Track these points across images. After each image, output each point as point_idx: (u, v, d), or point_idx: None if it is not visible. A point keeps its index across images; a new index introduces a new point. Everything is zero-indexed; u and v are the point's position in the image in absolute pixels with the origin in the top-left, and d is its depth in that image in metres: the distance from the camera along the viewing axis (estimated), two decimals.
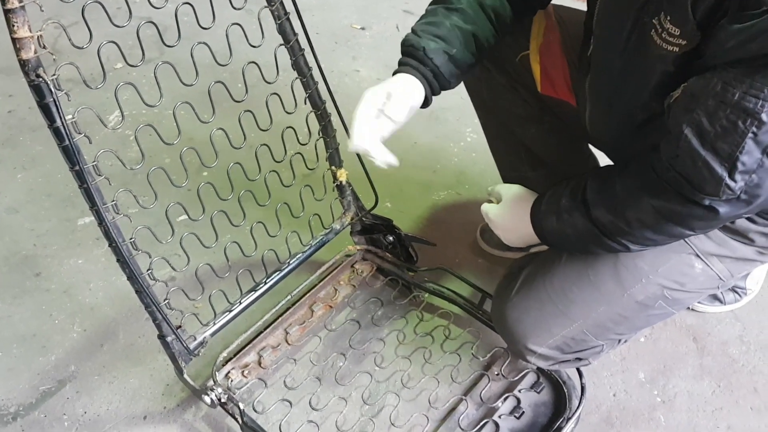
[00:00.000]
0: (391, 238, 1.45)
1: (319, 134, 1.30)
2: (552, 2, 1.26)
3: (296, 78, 1.23)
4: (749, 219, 1.05)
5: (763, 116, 0.77)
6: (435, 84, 1.11)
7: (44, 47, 0.80)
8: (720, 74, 0.80)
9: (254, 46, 1.08)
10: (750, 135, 0.79)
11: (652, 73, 0.91)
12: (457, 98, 1.58)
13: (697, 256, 1.08)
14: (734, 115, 0.79)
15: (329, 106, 1.27)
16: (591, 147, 1.44)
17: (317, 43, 1.23)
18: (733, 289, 1.50)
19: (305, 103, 1.26)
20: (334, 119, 1.28)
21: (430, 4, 1.17)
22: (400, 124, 1.07)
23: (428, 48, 1.08)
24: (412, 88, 1.08)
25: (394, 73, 1.12)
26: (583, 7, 1.13)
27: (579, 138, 1.35)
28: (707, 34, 0.81)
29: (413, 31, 1.13)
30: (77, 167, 0.89)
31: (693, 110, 0.83)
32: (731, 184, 0.84)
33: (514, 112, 1.36)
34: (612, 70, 0.99)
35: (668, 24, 0.84)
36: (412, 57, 1.10)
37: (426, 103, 1.12)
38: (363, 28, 2.41)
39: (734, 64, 0.78)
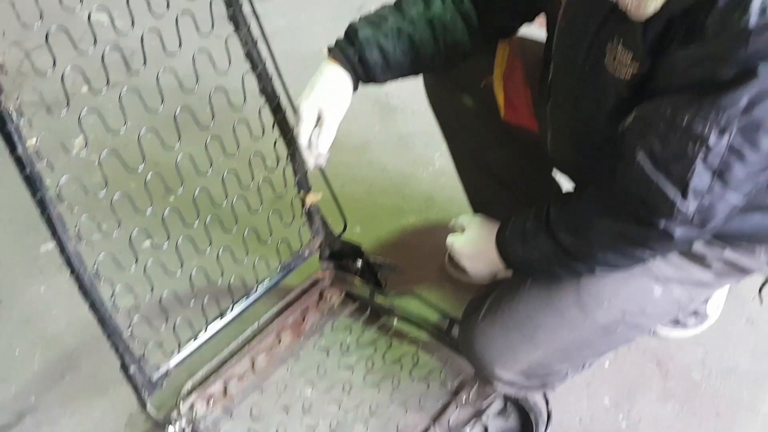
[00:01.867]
0: (360, 264, 1.45)
1: (287, 159, 1.31)
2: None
3: (265, 103, 1.24)
4: (707, 243, 1.08)
5: (712, 140, 0.80)
6: (359, 69, 1.18)
7: (6, 73, 0.79)
8: (670, 99, 0.83)
9: (221, 73, 1.08)
10: (700, 158, 0.82)
11: (608, 97, 0.93)
12: (426, 124, 1.60)
13: (657, 280, 1.10)
14: (684, 139, 0.81)
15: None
16: (556, 172, 1.47)
17: (286, 68, 1.26)
18: (695, 314, 1.52)
19: (273, 129, 1.27)
20: None
21: (387, 5, 1.23)
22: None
23: (361, 33, 1.16)
24: (340, 88, 1.17)
25: (328, 50, 1.20)
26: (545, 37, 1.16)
27: (543, 163, 1.38)
28: (658, 59, 0.84)
29: (358, 18, 1.21)
30: (39, 195, 0.88)
31: (645, 134, 0.86)
32: (683, 207, 0.86)
33: (479, 137, 1.39)
34: (570, 96, 1.01)
35: (621, 49, 0.87)
36: (346, 38, 1.19)
37: (355, 86, 1.20)
38: None
39: (683, 89, 0.81)
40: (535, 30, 1.27)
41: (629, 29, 0.85)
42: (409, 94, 2.13)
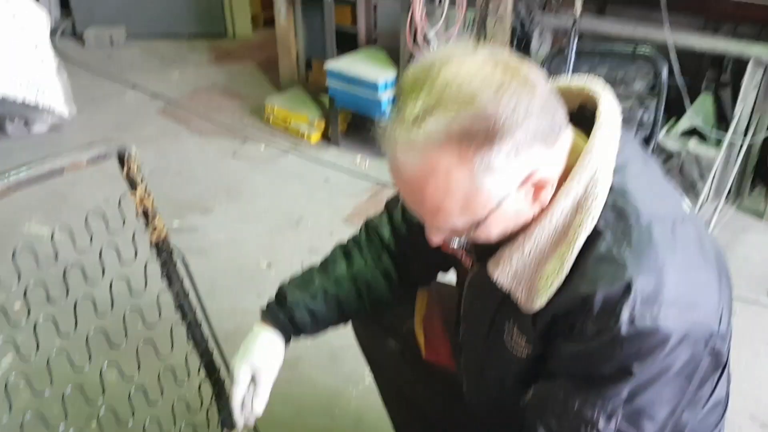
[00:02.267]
0: None
1: (211, 400, 1.32)
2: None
3: (192, 348, 1.27)
4: None
5: (601, 425, 0.87)
6: (290, 329, 1.25)
7: None
8: (562, 383, 0.91)
9: (150, 325, 1.12)
10: None
11: (509, 370, 1.01)
12: None
13: None
14: (576, 421, 0.89)
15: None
16: None
17: (223, 281, 1.32)
18: None
19: (199, 373, 1.29)
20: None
21: (313, 265, 1.32)
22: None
23: (290, 298, 1.23)
24: (273, 350, 1.23)
25: (261, 310, 1.27)
26: None
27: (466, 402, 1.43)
28: (549, 344, 0.93)
29: (288, 280, 1.28)
30: None
31: (543, 412, 0.93)
32: None
33: (403, 375, 1.44)
34: (476, 361, 1.09)
35: (516, 332, 0.96)
36: (277, 302, 1.26)
37: (287, 342, 1.27)
38: (269, 266, 2.52)
39: (573, 378, 0.89)
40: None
41: (522, 317, 0.94)
42: None
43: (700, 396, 0.99)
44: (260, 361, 1.21)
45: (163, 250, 1.15)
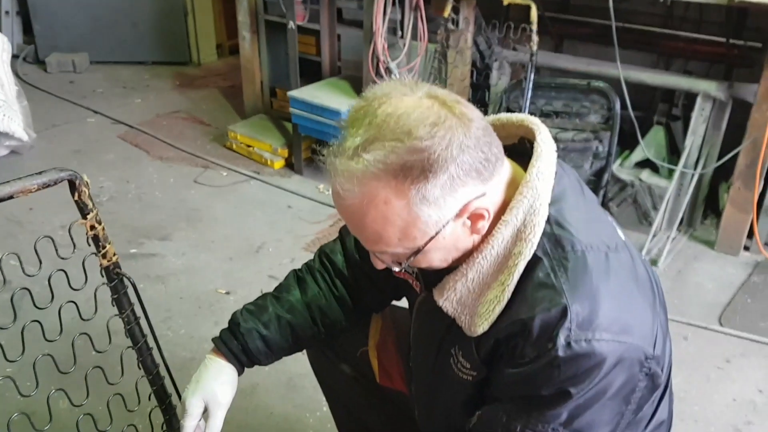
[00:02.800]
0: None
1: (163, 428, 1.31)
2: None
3: (143, 376, 1.26)
4: None
5: None
6: (243, 358, 1.25)
7: None
8: (504, 407, 0.94)
9: (101, 350, 1.12)
10: None
11: (457, 393, 1.04)
12: None
13: None
14: None
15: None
16: None
17: (181, 308, 1.31)
18: None
19: (149, 399, 1.28)
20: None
21: (266, 292, 1.33)
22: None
23: (243, 326, 1.24)
24: (225, 379, 1.22)
25: (213, 340, 1.27)
26: None
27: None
28: (491, 370, 0.96)
29: (242, 308, 1.29)
30: None
31: None
32: None
33: (357, 400, 1.45)
34: (426, 385, 1.11)
35: (461, 357, 0.99)
36: (230, 330, 1.26)
37: (240, 372, 1.26)
38: (228, 293, 2.50)
39: (515, 400, 0.92)
40: None
41: (466, 343, 0.97)
42: None
43: (642, 417, 1.02)
44: (213, 393, 1.20)
45: (113, 275, 1.15)
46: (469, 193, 0.87)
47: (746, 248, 2.84)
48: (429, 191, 0.84)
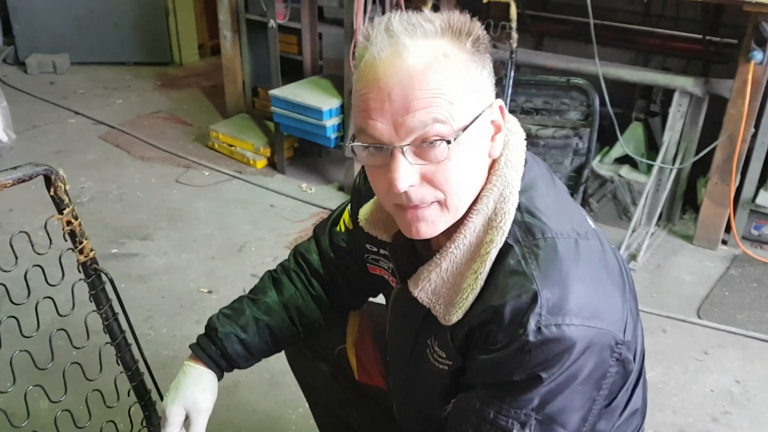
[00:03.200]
0: None
1: (141, 424, 1.31)
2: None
3: (121, 372, 1.26)
4: None
5: None
6: (222, 362, 1.24)
7: None
8: (478, 394, 0.95)
9: (78, 347, 1.12)
10: None
11: (434, 384, 1.05)
12: None
13: None
14: (493, 430, 0.92)
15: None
16: None
17: (162, 307, 1.31)
18: None
19: (128, 395, 1.28)
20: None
21: (242, 295, 1.33)
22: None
23: (221, 330, 1.23)
24: (204, 385, 1.21)
25: (190, 346, 1.25)
26: None
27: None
28: (466, 358, 0.97)
29: (217, 312, 1.28)
30: None
31: (462, 423, 0.96)
32: None
33: (336, 397, 1.46)
34: (403, 377, 1.12)
35: (436, 347, 1.00)
36: (207, 336, 1.25)
37: (220, 377, 1.25)
38: (210, 292, 2.50)
39: (488, 387, 0.93)
40: None
41: (441, 333, 0.99)
42: None
43: (616, 405, 1.03)
44: (193, 400, 1.19)
45: (90, 271, 1.15)
46: (494, 92, 0.93)
47: (724, 242, 2.88)
48: (482, 58, 0.90)
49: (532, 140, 2.97)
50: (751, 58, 2.47)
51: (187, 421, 1.19)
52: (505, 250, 0.91)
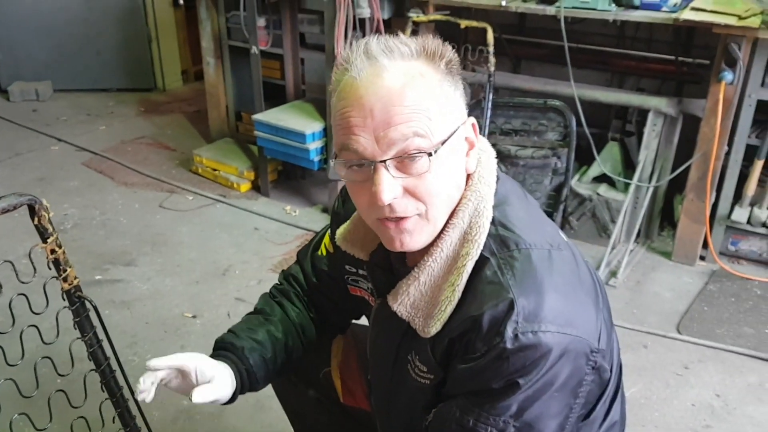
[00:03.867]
0: None
1: None
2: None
3: (106, 399, 1.27)
4: None
5: None
6: (246, 382, 1.22)
7: None
8: (457, 403, 0.98)
9: (63, 376, 1.13)
10: None
11: (416, 399, 1.07)
12: None
13: None
14: None
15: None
16: None
17: (146, 333, 1.31)
18: None
19: (113, 422, 1.29)
20: None
21: (247, 314, 1.32)
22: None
23: (246, 347, 1.21)
24: (229, 381, 1.17)
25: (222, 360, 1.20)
26: None
27: None
28: (446, 370, 1.00)
29: (231, 331, 1.26)
30: None
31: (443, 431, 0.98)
32: None
33: (321, 421, 1.47)
34: (385, 394, 1.14)
35: (417, 362, 1.03)
36: (231, 352, 1.21)
37: (230, 400, 1.20)
38: (194, 317, 2.51)
39: (468, 395, 0.96)
40: None
41: (422, 347, 1.01)
42: None
43: (595, 417, 1.06)
44: (221, 374, 1.15)
45: (74, 299, 1.16)
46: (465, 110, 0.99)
47: (702, 258, 2.93)
48: (454, 79, 0.96)
49: (511, 160, 3.03)
50: (722, 78, 2.54)
51: (187, 380, 1.12)
52: (482, 262, 0.95)
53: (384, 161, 0.90)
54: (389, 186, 0.90)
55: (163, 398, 1.32)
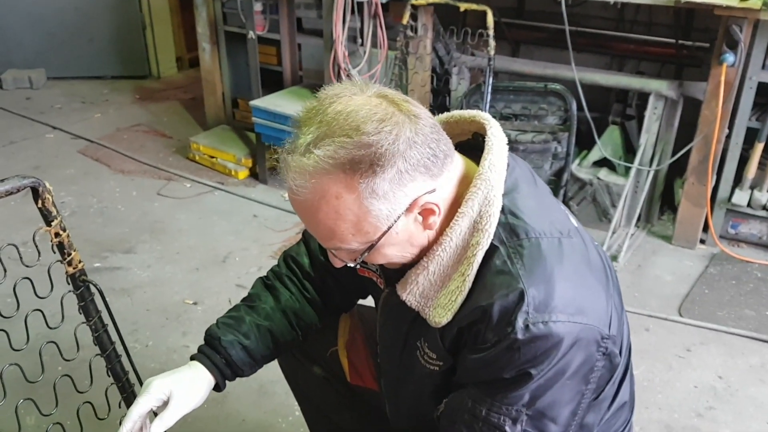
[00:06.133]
0: None
1: None
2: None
3: (111, 384, 1.26)
4: None
5: (507, 429, 0.93)
6: (227, 371, 1.23)
7: None
8: (469, 393, 0.97)
9: (70, 358, 1.11)
10: None
11: (424, 385, 1.06)
12: None
13: None
14: (486, 427, 0.94)
15: None
16: None
17: (148, 320, 1.30)
18: None
19: (119, 407, 1.28)
20: None
21: (239, 303, 1.32)
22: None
23: (224, 339, 1.22)
24: (197, 384, 1.18)
25: (191, 358, 1.22)
26: None
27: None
28: (456, 358, 0.99)
29: (216, 322, 1.26)
30: None
31: (455, 422, 0.98)
32: None
33: (329, 400, 1.46)
34: (394, 379, 1.14)
35: (426, 348, 1.02)
36: (209, 345, 1.23)
37: (218, 388, 1.23)
38: (195, 303, 2.49)
39: (479, 385, 0.95)
40: None
41: (431, 334, 1.00)
42: None
43: (604, 398, 1.05)
44: (183, 388, 1.16)
45: (79, 283, 1.15)
46: (419, 188, 0.91)
47: (702, 241, 2.93)
48: (378, 185, 0.87)
49: (511, 145, 2.98)
50: (723, 60, 2.53)
51: (161, 407, 1.14)
52: (491, 251, 0.94)
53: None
54: (337, 262, 1.01)
55: None
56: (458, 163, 0.98)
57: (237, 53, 3.72)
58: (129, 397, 1.27)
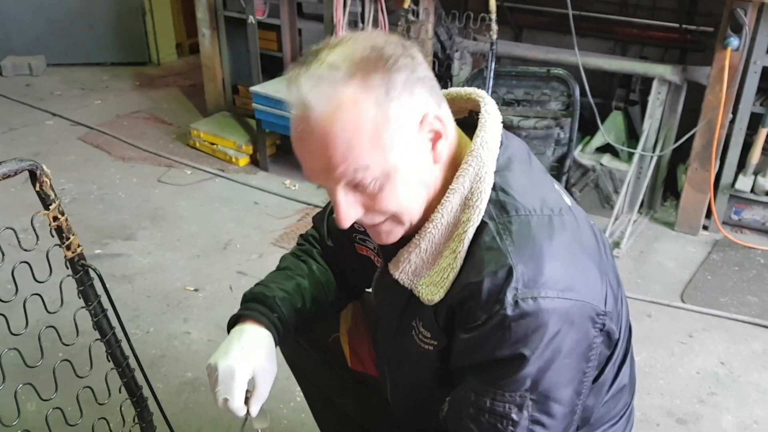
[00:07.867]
0: None
1: (134, 420, 1.30)
2: None
3: (112, 368, 1.26)
4: None
5: (514, 416, 0.92)
6: (281, 330, 1.17)
7: None
8: (471, 385, 0.96)
9: (69, 343, 1.11)
10: None
11: (421, 365, 1.06)
12: None
13: None
14: (492, 418, 0.93)
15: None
16: None
17: (149, 307, 1.29)
18: None
19: (120, 391, 1.27)
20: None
21: (274, 270, 1.28)
22: None
23: (278, 297, 1.18)
24: (272, 348, 1.13)
25: (237, 317, 1.16)
26: None
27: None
28: (451, 338, 0.98)
29: (260, 283, 1.22)
30: None
31: (461, 419, 0.97)
32: None
33: (330, 384, 1.46)
34: (391, 359, 1.13)
35: (422, 327, 1.01)
36: (261, 303, 1.17)
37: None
38: (196, 290, 2.49)
39: (476, 372, 0.94)
40: None
41: (425, 313, 1.00)
42: None
43: (604, 380, 1.05)
44: (263, 362, 1.11)
45: (78, 267, 1.14)
46: (427, 102, 0.91)
47: (705, 227, 2.92)
48: (392, 85, 0.87)
49: (514, 131, 2.99)
50: (728, 44, 2.51)
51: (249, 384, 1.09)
52: (481, 227, 0.93)
53: (336, 187, 0.91)
54: (347, 211, 0.93)
55: (167, 370, 1.31)
56: (454, 133, 0.98)
57: (237, 39, 3.70)
58: (129, 382, 1.27)
